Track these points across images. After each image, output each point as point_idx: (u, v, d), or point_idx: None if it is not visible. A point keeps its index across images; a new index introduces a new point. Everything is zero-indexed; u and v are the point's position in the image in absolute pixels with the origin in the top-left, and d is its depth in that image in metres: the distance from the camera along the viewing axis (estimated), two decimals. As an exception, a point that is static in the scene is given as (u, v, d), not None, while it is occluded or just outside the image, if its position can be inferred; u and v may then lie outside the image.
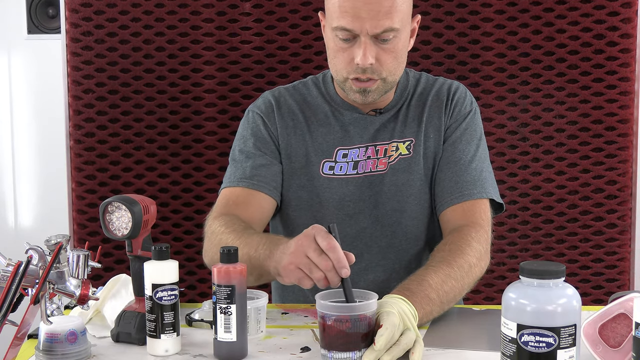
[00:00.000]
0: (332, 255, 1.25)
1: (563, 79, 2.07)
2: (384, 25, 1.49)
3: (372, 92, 1.58)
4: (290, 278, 1.31)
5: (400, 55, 1.57)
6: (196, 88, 2.11)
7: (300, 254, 1.28)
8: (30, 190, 3.08)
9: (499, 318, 1.09)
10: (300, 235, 1.30)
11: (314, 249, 1.26)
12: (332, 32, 1.55)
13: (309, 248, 1.27)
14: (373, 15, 1.48)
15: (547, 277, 1.06)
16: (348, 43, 1.53)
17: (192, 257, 2.15)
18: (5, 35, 2.99)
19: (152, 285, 1.29)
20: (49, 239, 1.33)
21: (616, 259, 2.12)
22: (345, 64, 1.55)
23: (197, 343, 1.36)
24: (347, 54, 1.54)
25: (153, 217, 1.41)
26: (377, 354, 1.22)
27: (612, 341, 1.20)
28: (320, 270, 1.26)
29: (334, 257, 1.25)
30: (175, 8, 2.08)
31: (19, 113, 3.05)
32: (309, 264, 1.27)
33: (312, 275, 1.27)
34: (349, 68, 1.55)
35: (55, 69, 2.26)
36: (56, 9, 2.86)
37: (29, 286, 1.25)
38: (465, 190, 1.61)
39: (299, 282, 1.30)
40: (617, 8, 2.04)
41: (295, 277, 1.30)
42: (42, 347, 1.27)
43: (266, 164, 1.66)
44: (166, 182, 2.14)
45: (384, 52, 1.53)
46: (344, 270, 1.25)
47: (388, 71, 1.56)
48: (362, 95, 1.58)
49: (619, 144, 2.08)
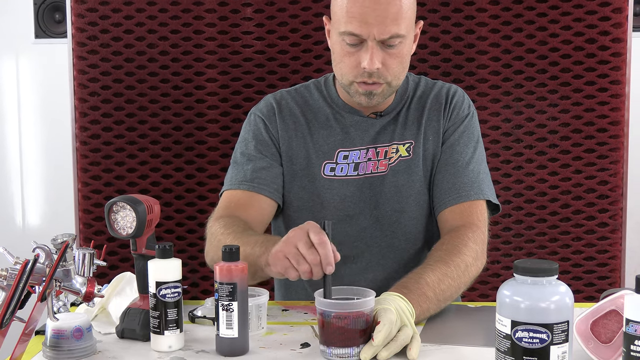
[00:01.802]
0: (321, 250, 1.25)
1: (556, 82, 2.07)
2: (390, 31, 1.49)
3: (378, 95, 1.57)
4: (277, 267, 1.31)
5: (405, 60, 1.57)
6: (199, 91, 2.11)
7: (291, 244, 1.28)
8: (38, 190, 3.08)
9: (494, 315, 1.09)
10: (295, 227, 1.31)
11: (305, 241, 1.27)
12: (339, 37, 1.54)
13: (299, 240, 1.27)
14: (380, 21, 1.48)
15: (540, 275, 1.06)
16: (355, 47, 1.53)
17: (195, 256, 2.15)
18: (13, 40, 2.99)
19: (156, 283, 1.29)
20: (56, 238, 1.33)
21: (607, 257, 2.12)
22: (351, 68, 1.55)
23: (199, 339, 1.36)
24: (353, 59, 1.54)
25: (157, 217, 1.41)
26: (375, 349, 1.22)
27: (603, 337, 1.20)
28: (307, 263, 1.26)
29: (322, 252, 1.25)
30: (178, 13, 2.08)
31: (27, 115, 3.05)
32: (297, 255, 1.27)
33: (298, 267, 1.27)
34: (356, 72, 1.55)
35: (62, 73, 2.26)
36: (63, 14, 2.85)
37: (36, 284, 1.25)
38: (462, 192, 1.61)
39: (285, 272, 1.30)
40: (608, 13, 2.04)
41: (282, 266, 1.30)
42: (49, 343, 1.27)
43: (267, 166, 1.66)
44: (170, 182, 2.14)
45: (390, 57, 1.53)
46: (329, 267, 1.26)
47: (393, 75, 1.56)
48: (367, 97, 1.58)
49: (610, 146, 2.08)
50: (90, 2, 2.08)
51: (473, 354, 1.27)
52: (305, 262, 1.26)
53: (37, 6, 2.90)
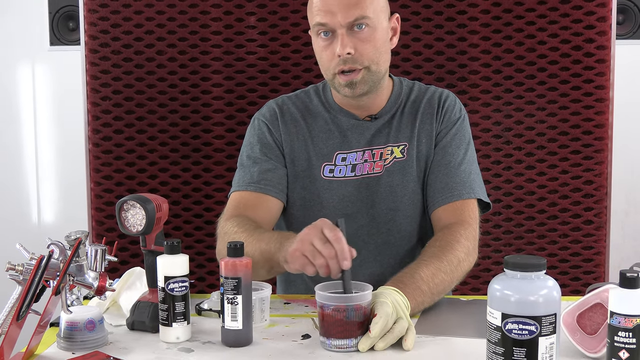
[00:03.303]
0: (337, 246, 1.25)
1: (544, 87, 2.07)
2: (355, 14, 1.51)
3: (359, 82, 1.57)
4: (295, 264, 1.31)
5: (380, 46, 1.56)
6: (205, 95, 2.11)
7: (306, 242, 1.28)
8: (52, 189, 3.08)
9: (485, 307, 1.09)
10: (309, 225, 1.30)
11: (320, 238, 1.26)
12: (315, 34, 1.56)
13: (315, 237, 1.27)
14: (343, 7, 1.51)
15: (529, 270, 1.06)
16: (328, 40, 1.55)
17: (201, 252, 2.15)
18: (29, 47, 2.99)
19: (165, 278, 1.29)
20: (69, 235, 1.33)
21: (592, 253, 2.12)
22: (329, 61, 1.56)
23: (206, 331, 1.36)
24: (329, 51, 1.55)
25: (165, 215, 1.41)
26: (372, 340, 1.21)
27: (589, 329, 1.20)
28: (323, 258, 1.25)
29: (338, 247, 1.25)
30: (185, 22, 2.08)
31: (42, 118, 3.05)
32: (314, 252, 1.26)
33: (315, 262, 1.27)
34: (333, 63, 1.55)
35: (75, 78, 2.26)
36: (76, 22, 2.85)
37: (51, 278, 1.25)
38: (454, 191, 1.61)
39: (303, 268, 1.30)
40: (593, 22, 2.03)
41: (299, 264, 1.30)
42: (63, 334, 1.27)
43: (272, 168, 1.65)
44: (178, 182, 2.14)
45: (362, 42, 1.54)
46: (345, 262, 1.25)
47: (370, 60, 1.55)
48: (350, 88, 1.57)
49: (595, 147, 2.08)
50: (102, 11, 2.08)
51: (465, 345, 1.27)
52: (322, 256, 1.26)
53: (52, 15, 2.90)
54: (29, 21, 2.95)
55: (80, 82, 2.12)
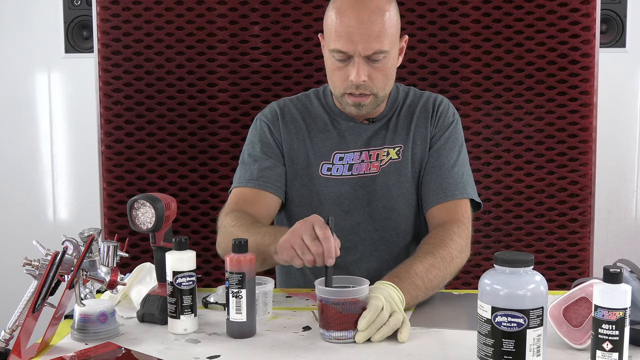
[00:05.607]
0: (325, 244, 1.25)
1: (531, 92, 2.07)
2: (374, 48, 1.49)
3: (366, 106, 1.57)
4: (284, 255, 1.31)
5: (389, 73, 1.56)
6: (211, 100, 2.11)
7: (297, 236, 1.28)
8: (67, 189, 3.08)
9: (476, 301, 1.09)
10: (301, 220, 1.30)
11: (310, 234, 1.26)
12: (330, 53, 1.54)
13: (305, 232, 1.27)
14: (364, 39, 1.48)
15: (517, 265, 1.05)
16: (343, 63, 1.53)
17: (208, 248, 2.15)
18: (46, 55, 2.99)
19: (173, 272, 1.29)
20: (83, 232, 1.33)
21: (577, 249, 2.11)
22: (341, 82, 1.55)
23: (212, 323, 1.36)
24: (343, 73, 1.54)
25: (174, 213, 1.40)
26: (367, 333, 1.21)
27: (574, 321, 1.20)
28: (311, 254, 1.26)
29: (325, 246, 1.25)
30: (193, 30, 2.08)
31: (57, 122, 3.05)
32: (302, 246, 1.27)
33: (302, 257, 1.27)
34: (345, 85, 1.54)
35: (89, 84, 2.26)
36: (90, 31, 2.85)
37: (65, 273, 1.25)
38: (448, 191, 1.60)
39: (291, 260, 1.30)
40: (578, 31, 2.03)
41: (288, 255, 1.30)
42: (77, 326, 1.27)
43: (271, 166, 1.65)
44: (185, 182, 2.13)
45: (375, 70, 1.52)
46: (330, 260, 1.25)
47: (379, 87, 1.55)
48: (356, 108, 1.58)
49: (579, 149, 2.08)
50: (114, 21, 2.07)
51: (457, 337, 1.27)
52: (310, 252, 1.26)
53: (67, 25, 2.89)
54: (45, 31, 2.95)
55: (93, 88, 2.12)
